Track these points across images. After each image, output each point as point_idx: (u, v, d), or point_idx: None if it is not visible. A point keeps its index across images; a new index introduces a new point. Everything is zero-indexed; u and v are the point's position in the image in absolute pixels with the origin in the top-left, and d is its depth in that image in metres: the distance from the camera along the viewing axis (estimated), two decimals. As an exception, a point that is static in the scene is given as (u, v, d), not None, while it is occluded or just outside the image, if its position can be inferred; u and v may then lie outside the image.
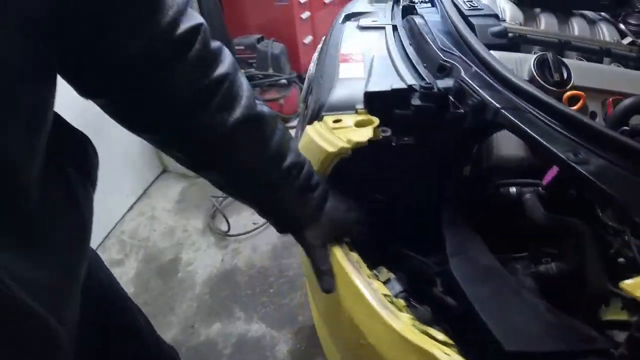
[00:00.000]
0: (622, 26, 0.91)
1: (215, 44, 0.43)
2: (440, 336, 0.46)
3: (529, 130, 0.47)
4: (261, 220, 1.70)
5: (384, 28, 0.88)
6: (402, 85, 0.62)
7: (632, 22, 0.90)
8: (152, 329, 0.73)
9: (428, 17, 0.84)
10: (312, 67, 0.91)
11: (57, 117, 0.40)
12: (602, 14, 0.95)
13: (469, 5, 0.84)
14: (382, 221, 0.65)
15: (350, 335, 0.52)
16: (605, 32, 0.90)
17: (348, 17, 1.03)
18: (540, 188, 0.64)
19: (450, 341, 0.45)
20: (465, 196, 0.67)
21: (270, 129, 0.49)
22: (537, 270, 0.60)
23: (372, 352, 0.48)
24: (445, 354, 0.41)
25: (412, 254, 0.65)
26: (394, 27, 0.87)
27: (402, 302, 0.53)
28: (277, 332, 1.34)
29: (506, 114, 0.49)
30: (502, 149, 0.70)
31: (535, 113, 0.50)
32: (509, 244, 0.67)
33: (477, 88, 0.53)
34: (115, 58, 0.37)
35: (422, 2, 0.98)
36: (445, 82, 0.59)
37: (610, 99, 0.76)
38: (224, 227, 1.68)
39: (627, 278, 0.40)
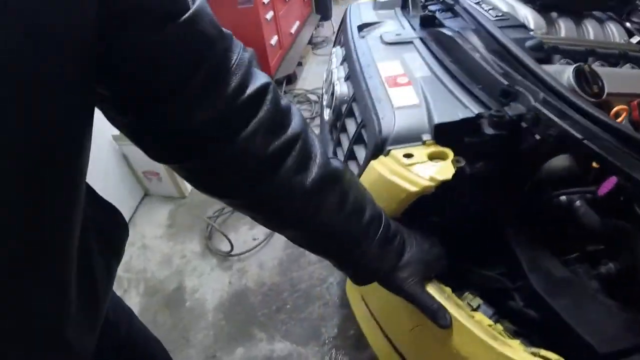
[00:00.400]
0: (628, 24, 0.99)
1: (284, 101, 0.44)
2: (553, 356, 0.51)
3: (614, 161, 0.52)
4: (261, 234, 1.72)
5: (412, 42, 0.91)
6: (470, 114, 0.66)
7: (636, 20, 0.99)
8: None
9: (458, 28, 0.88)
10: (340, 88, 0.92)
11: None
12: (609, 13, 1.03)
13: (494, 14, 0.89)
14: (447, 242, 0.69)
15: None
16: (615, 33, 0.99)
17: (361, 29, 1.05)
18: (590, 194, 0.69)
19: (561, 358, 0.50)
20: (524, 210, 0.72)
21: (347, 184, 0.49)
22: (599, 272, 0.67)
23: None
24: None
25: (484, 272, 0.70)
26: (423, 41, 0.90)
27: (500, 327, 0.58)
28: (303, 348, 1.37)
29: (590, 145, 0.54)
30: (551, 161, 0.75)
31: (610, 140, 0.55)
32: (564, 250, 0.73)
33: (554, 117, 0.58)
34: (184, 125, 0.37)
35: (440, 10, 1.01)
36: (516, 109, 0.63)
37: (636, 102, 0.84)
38: (224, 247, 1.68)
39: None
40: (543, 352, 0.54)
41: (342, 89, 0.90)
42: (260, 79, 0.40)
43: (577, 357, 0.55)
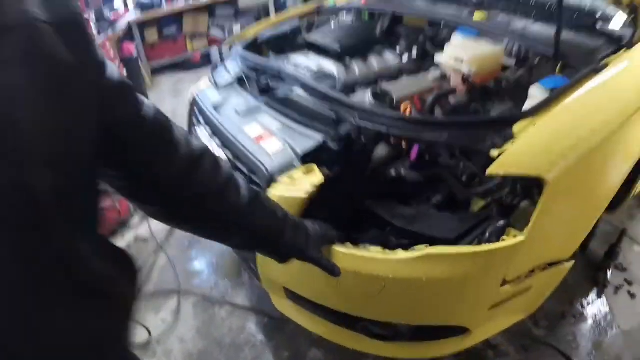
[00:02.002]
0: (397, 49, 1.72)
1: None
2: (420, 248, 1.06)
3: (411, 135, 1.12)
4: (169, 314, 2.03)
5: (259, 107, 1.48)
6: (319, 141, 1.23)
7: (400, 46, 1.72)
8: None
9: (288, 89, 1.47)
10: (221, 155, 1.42)
11: None
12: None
13: (310, 74, 1.51)
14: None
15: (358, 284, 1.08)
16: (391, 58, 1.71)
17: (216, 108, 1.58)
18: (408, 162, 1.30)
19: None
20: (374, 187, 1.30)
21: (266, 197, 0.99)
22: (433, 204, 1.26)
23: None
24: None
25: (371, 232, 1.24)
26: (266, 104, 1.47)
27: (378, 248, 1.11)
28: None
29: (393, 132, 1.14)
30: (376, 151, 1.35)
31: (403, 125, 1.17)
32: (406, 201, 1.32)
33: (368, 125, 1.18)
34: (160, 180, 0.74)
35: (270, 80, 1.60)
36: (345, 129, 1.22)
37: (416, 97, 1.51)
38: (143, 335, 1.93)
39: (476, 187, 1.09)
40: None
41: (221, 155, 1.40)
42: (197, 138, 0.89)
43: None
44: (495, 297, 1.15)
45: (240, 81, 1.75)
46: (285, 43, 2.20)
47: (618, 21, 1.74)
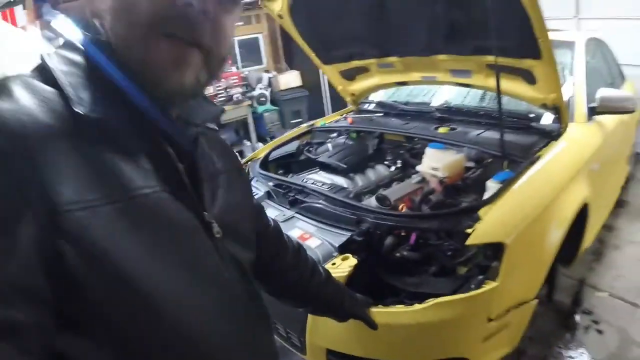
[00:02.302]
0: (385, 162, 2.38)
1: None
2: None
3: (408, 226, 1.74)
4: None
5: (294, 216, 2.08)
6: (347, 236, 1.82)
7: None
8: None
9: (311, 200, 2.09)
10: None
11: None
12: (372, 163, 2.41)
13: (326, 187, 2.15)
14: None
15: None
16: (382, 169, 2.36)
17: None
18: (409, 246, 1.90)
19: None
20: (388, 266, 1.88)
21: (331, 275, 1.54)
22: (431, 272, 1.84)
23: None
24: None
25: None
26: (298, 213, 2.08)
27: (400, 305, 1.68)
28: None
29: (397, 225, 1.76)
30: (387, 241, 1.94)
31: (400, 220, 1.79)
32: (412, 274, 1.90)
33: (374, 220, 1.80)
34: (279, 268, 1.24)
35: (295, 194, 2.21)
36: (365, 226, 1.82)
37: (407, 198, 2.14)
38: None
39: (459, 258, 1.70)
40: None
41: None
42: None
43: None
44: (485, 331, 1.72)
45: (269, 195, 2.35)
46: (291, 161, 2.87)
47: (547, 119, 2.49)
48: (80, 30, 0.72)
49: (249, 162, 2.83)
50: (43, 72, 0.66)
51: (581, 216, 2.33)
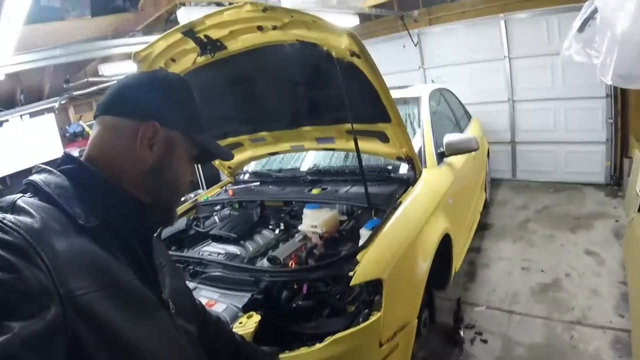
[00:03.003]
0: (270, 228, 2.69)
1: None
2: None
3: (287, 279, 2.04)
4: None
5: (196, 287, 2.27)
6: (249, 296, 2.07)
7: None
8: None
9: (212, 271, 2.31)
10: None
11: None
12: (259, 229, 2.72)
13: (222, 256, 2.39)
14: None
15: None
16: (267, 234, 2.66)
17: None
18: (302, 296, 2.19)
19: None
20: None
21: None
22: (325, 315, 2.14)
23: None
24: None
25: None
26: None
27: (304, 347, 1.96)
28: None
29: (281, 279, 2.06)
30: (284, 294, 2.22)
31: (281, 275, 2.09)
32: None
33: (269, 278, 2.08)
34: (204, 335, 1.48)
35: (194, 265, 2.42)
36: (261, 285, 2.09)
37: (294, 255, 2.45)
38: None
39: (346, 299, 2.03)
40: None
41: None
42: None
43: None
44: (379, 355, 2.05)
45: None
46: (182, 237, 3.06)
47: (403, 169, 2.99)
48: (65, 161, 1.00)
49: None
50: (37, 192, 0.89)
51: (446, 245, 2.82)
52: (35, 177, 0.93)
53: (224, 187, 3.82)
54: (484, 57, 6.39)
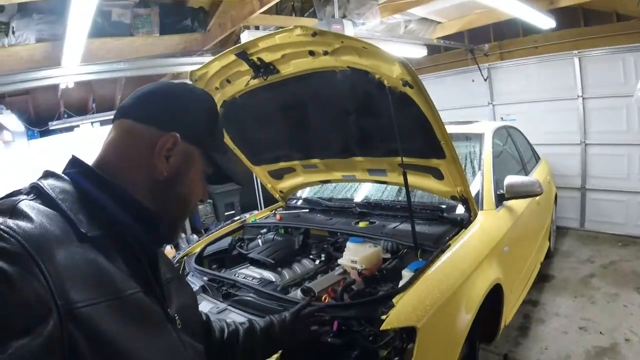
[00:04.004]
0: (311, 257, 2.60)
1: None
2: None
3: (331, 314, 1.93)
4: None
5: (226, 309, 2.21)
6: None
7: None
8: None
9: (245, 295, 2.25)
10: None
11: None
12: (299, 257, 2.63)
13: (256, 281, 2.32)
14: None
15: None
16: (308, 263, 2.57)
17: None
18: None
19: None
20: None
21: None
22: (353, 357, 2.01)
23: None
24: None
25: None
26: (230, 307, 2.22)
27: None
28: None
29: (318, 316, 1.95)
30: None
31: (319, 310, 1.99)
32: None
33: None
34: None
35: (228, 287, 2.36)
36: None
37: (330, 289, 2.34)
38: None
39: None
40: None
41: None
42: None
43: None
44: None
45: (204, 289, 2.48)
46: (224, 256, 3.03)
47: (459, 210, 2.82)
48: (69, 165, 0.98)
49: (184, 257, 2.96)
50: (40, 196, 0.86)
51: (496, 296, 2.61)
52: (41, 181, 0.90)
53: (274, 211, 3.79)
54: (555, 96, 6.07)
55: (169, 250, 5.84)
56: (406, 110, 2.27)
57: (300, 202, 3.83)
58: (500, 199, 3.07)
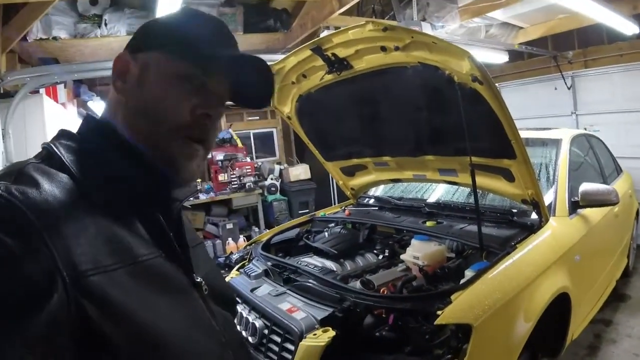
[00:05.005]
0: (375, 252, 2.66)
1: None
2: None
3: (389, 306, 1.98)
4: None
5: (285, 292, 2.32)
6: (329, 312, 2.06)
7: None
8: None
9: (301, 279, 2.34)
10: (258, 323, 2.21)
11: None
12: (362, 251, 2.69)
13: (317, 269, 2.41)
14: None
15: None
16: (371, 257, 2.63)
17: (252, 290, 2.42)
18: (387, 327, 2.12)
19: None
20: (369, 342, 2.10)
21: None
22: (406, 352, 2.05)
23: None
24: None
25: None
26: (289, 289, 2.32)
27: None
28: None
29: (372, 304, 2.00)
30: (367, 320, 2.17)
31: (380, 300, 2.03)
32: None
33: (352, 297, 2.05)
34: None
35: (288, 273, 2.47)
36: (346, 305, 2.07)
37: (390, 284, 2.39)
38: None
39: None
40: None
41: (259, 323, 2.19)
42: None
43: None
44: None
45: (266, 273, 2.61)
46: (291, 246, 3.16)
47: (530, 215, 2.76)
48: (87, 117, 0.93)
49: (252, 244, 3.13)
50: (50, 158, 0.80)
51: (564, 307, 2.54)
52: (53, 142, 0.85)
53: (343, 207, 3.88)
54: (640, 107, 5.78)
55: (241, 243, 6.12)
56: (476, 107, 2.27)
57: (371, 200, 3.88)
58: (574, 207, 2.96)
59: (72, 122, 4.09)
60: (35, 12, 4.15)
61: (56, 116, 4.30)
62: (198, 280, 0.90)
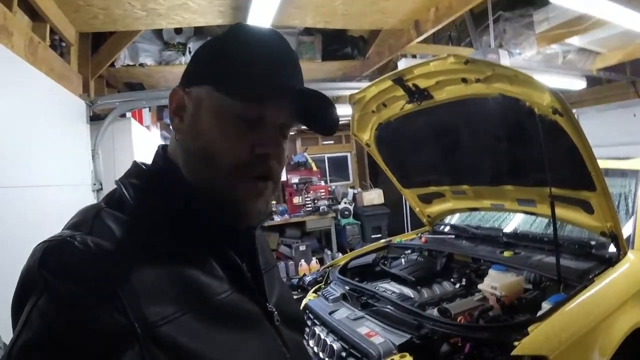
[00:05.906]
0: (452, 280, 2.70)
1: None
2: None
3: (466, 335, 2.04)
4: None
5: (363, 316, 2.41)
6: (407, 337, 2.14)
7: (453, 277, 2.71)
8: None
9: (380, 305, 2.43)
10: (335, 345, 2.32)
11: None
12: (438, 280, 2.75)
13: (395, 296, 2.49)
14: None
15: None
16: (447, 286, 2.68)
17: (330, 314, 2.53)
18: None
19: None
20: None
21: None
22: None
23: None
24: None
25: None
26: (367, 314, 2.41)
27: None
28: None
29: (449, 332, 2.06)
30: (443, 348, 2.22)
31: (457, 329, 2.09)
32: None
33: (442, 330, 2.10)
34: None
35: (366, 298, 2.57)
36: (424, 332, 2.14)
37: (467, 313, 2.43)
38: None
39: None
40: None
41: (337, 345, 2.30)
42: None
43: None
44: None
45: (344, 297, 2.73)
46: (367, 271, 3.25)
47: (610, 248, 2.72)
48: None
49: (329, 268, 3.26)
50: (120, 202, 0.82)
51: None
52: (124, 180, 0.86)
53: (420, 234, 3.95)
54: None
55: (313, 265, 6.27)
56: (556, 139, 2.30)
57: (447, 228, 3.94)
58: (655, 240, 2.88)
59: (156, 144, 4.44)
60: (124, 40, 4.59)
61: (142, 138, 4.68)
62: (270, 309, 0.90)
